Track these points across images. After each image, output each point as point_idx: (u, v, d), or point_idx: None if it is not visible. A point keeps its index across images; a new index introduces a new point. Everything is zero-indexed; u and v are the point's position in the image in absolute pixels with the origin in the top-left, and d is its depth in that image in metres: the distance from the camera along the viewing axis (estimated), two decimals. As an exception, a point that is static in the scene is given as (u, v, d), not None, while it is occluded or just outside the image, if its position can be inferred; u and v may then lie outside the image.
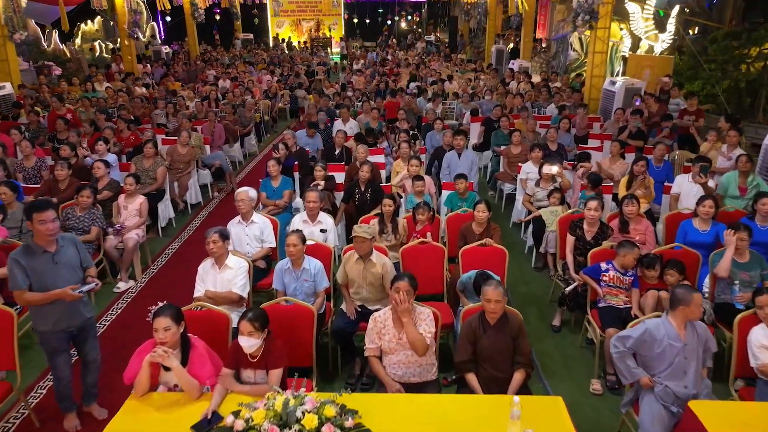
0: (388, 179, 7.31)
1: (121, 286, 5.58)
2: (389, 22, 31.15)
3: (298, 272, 4.13)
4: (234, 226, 4.95)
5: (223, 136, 9.19)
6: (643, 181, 5.82)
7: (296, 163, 7.07)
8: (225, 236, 4.13)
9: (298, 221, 5.03)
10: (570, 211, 5.41)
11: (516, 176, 7.42)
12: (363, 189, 5.97)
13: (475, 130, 9.80)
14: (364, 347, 3.44)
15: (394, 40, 27.69)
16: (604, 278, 4.28)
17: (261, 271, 4.87)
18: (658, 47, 12.94)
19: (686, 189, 5.74)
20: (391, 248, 4.87)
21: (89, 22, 23.85)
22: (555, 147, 7.67)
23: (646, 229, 4.94)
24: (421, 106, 11.52)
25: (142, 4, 19.76)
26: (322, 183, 5.98)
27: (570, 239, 4.84)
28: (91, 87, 12.63)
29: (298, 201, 6.67)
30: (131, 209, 5.76)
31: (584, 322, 4.52)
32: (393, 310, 3.33)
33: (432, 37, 28.16)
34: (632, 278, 4.23)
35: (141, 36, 25.05)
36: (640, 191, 5.86)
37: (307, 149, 7.82)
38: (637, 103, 9.15)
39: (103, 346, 4.25)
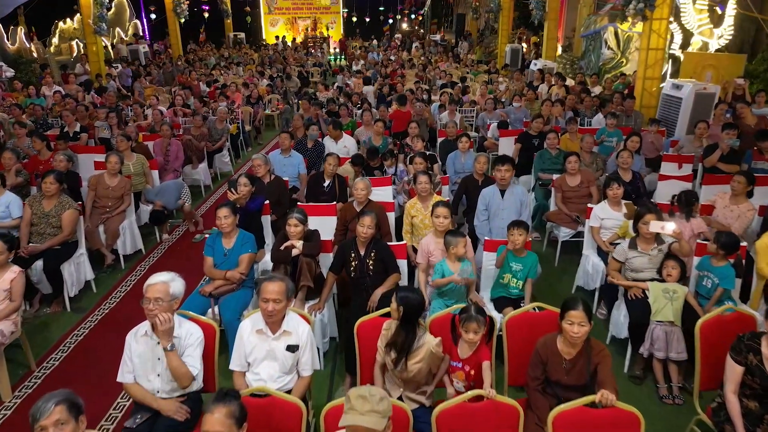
0: (399, 222, 5.15)
1: (-32, 420, 3.44)
2: (390, 20, 29.06)
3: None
4: (136, 341, 2.81)
5: (181, 157, 7.05)
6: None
7: (267, 202, 4.93)
8: (75, 408, 2.00)
9: (247, 331, 2.87)
10: (721, 309, 3.21)
11: (577, 218, 5.30)
12: (363, 252, 3.84)
13: (507, 148, 7.66)
14: None
15: (396, 40, 25.50)
16: None
17: (180, 428, 2.72)
18: (714, 44, 10.87)
19: None
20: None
21: (68, 20, 21.85)
22: (629, 176, 5.53)
23: None
24: (433, 114, 9.40)
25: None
26: (299, 245, 3.82)
27: (734, 369, 2.70)
28: (35, 92, 10.48)
29: (267, 262, 4.54)
30: (-4, 289, 3.63)
31: None
32: None
33: (438, 36, 26.03)
34: None
35: (122, 34, 23.06)
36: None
37: (284, 178, 5.68)
38: (728, 115, 7.02)
39: None
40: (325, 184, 5.49)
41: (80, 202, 4.92)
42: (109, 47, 20.42)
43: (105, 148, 7.21)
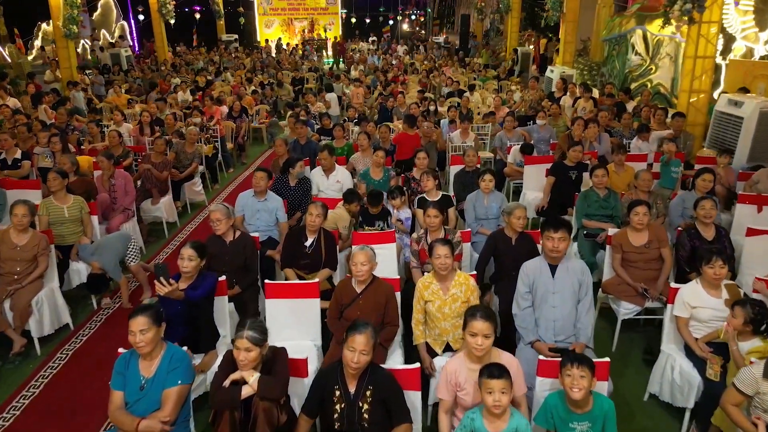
0: (406, 299, 3.75)
1: None
2: (391, 21, 27.71)
3: None
4: None
5: (131, 192, 5.67)
6: None
7: (222, 278, 3.55)
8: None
9: None
10: None
11: (644, 292, 3.93)
12: (353, 390, 2.47)
13: (534, 180, 6.31)
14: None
15: (395, 44, 23.99)
16: None
17: None
18: (760, 50, 9.53)
19: None
20: None
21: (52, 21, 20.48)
22: (712, 233, 4.16)
23: None
24: (443, 133, 8.04)
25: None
26: (253, 380, 2.43)
27: None
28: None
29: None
30: None
31: None
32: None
33: (441, 39, 24.66)
34: None
35: (107, 36, 21.69)
36: None
37: (254, 234, 4.30)
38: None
39: None
40: (307, 243, 4.11)
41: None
42: (97, 51, 19.06)
43: (41, 182, 5.87)
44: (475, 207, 4.88)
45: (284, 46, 23.25)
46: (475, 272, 3.59)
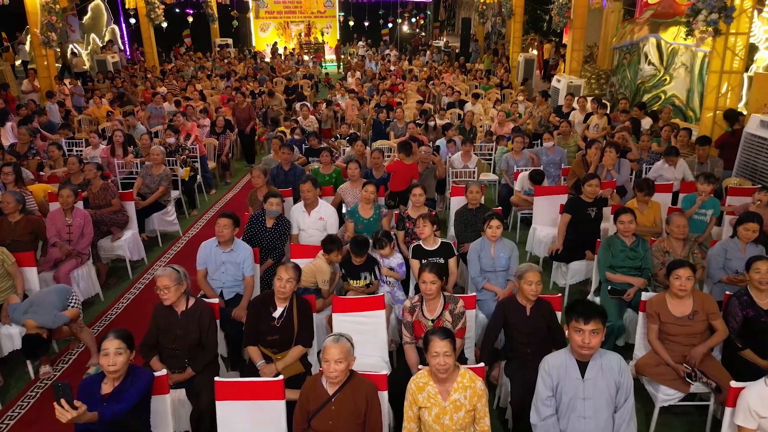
0: (397, 383, 3.01)
1: None
2: (390, 24, 26.96)
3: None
4: None
5: (89, 233, 4.93)
6: None
7: (162, 373, 2.81)
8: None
9: None
10: None
11: (690, 375, 3.21)
12: None
13: (545, 213, 5.58)
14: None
15: (391, 51, 23.07)
16: None
17: None
18: (786, 60, 8.79)
19: None
20: None
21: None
22: (769, 301, 3.42)
23: None
24: (442, 155, 7.31)
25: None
26: None
27: None
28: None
29: None
30: None
31: None
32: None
33: (441, 42, 23.92)
34: None
35: (98, 41, 20.94)
36: None
37: (212, 300, 3.57)
38: None
39: None
40: (276, 314, 3.36)
41: None
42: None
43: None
44: (481, 258, 4.14)
45: (280, 51, 22.47)
46: (482, 365, 2.85)
